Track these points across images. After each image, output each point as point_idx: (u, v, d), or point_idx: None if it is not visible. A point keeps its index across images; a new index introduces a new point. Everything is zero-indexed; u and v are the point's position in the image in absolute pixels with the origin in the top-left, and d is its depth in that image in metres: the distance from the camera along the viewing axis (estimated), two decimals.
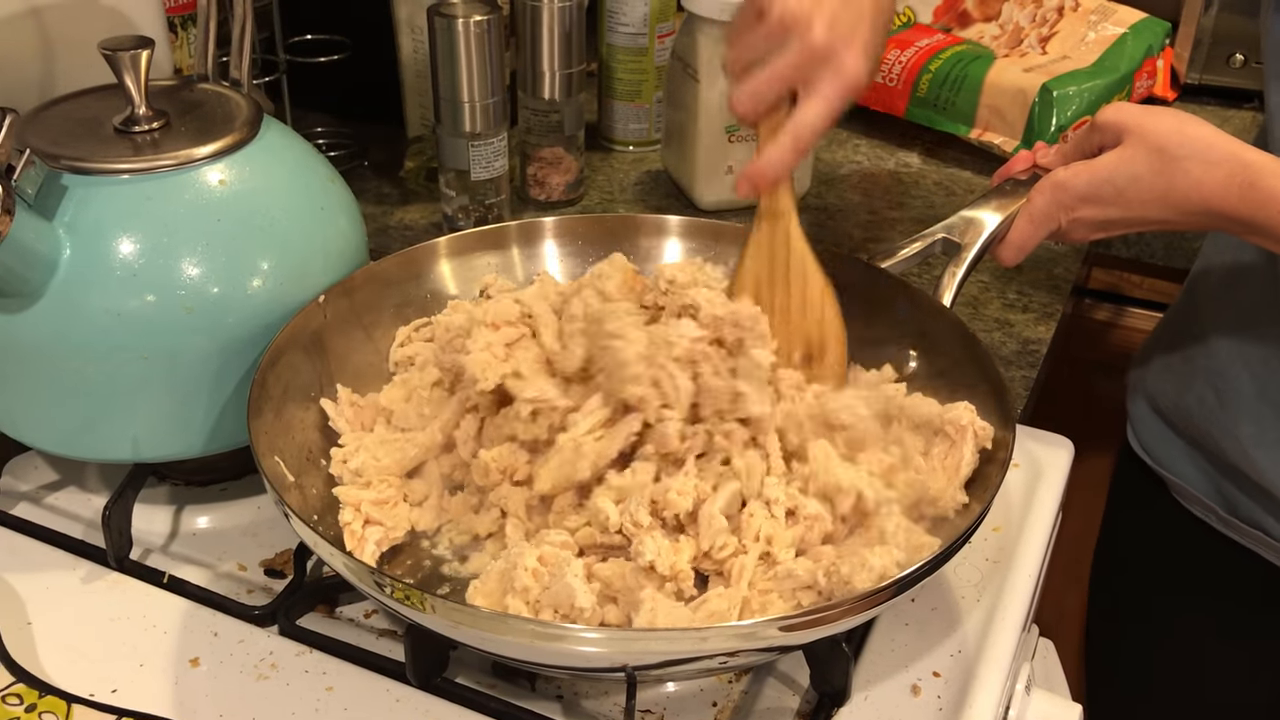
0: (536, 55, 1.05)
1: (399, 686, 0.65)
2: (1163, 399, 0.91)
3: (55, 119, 0.73)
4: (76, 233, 0.68)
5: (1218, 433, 0.85)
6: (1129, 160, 0.71)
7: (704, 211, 1.11)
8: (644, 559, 0.61)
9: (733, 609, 0.61)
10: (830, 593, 0.61)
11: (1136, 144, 0.71)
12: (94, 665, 0.66)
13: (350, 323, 0.76)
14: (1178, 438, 0.90)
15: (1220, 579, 0.90)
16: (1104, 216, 0.73)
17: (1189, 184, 0.69)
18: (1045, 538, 0.76)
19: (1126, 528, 1.00)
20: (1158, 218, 0.71)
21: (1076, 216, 0.74)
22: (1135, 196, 0.71)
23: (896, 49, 1.24)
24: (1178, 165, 0.69)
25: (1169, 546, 0.94)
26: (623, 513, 0.63)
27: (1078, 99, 1.16)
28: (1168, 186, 0.70)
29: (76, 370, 0.69)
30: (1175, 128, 0.70)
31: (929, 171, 1.20)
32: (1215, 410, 0.85)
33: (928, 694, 0.65)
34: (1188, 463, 0.90)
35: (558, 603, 0.59)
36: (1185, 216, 0.70)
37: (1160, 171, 0.70)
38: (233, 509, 0.78)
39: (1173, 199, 0.70)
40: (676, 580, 0.62)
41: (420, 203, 1.13)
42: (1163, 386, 0.91)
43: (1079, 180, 0.73)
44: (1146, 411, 0.93)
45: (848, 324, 0.80)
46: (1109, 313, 1.23)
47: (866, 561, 0.60)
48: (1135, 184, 0.71)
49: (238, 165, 0.72)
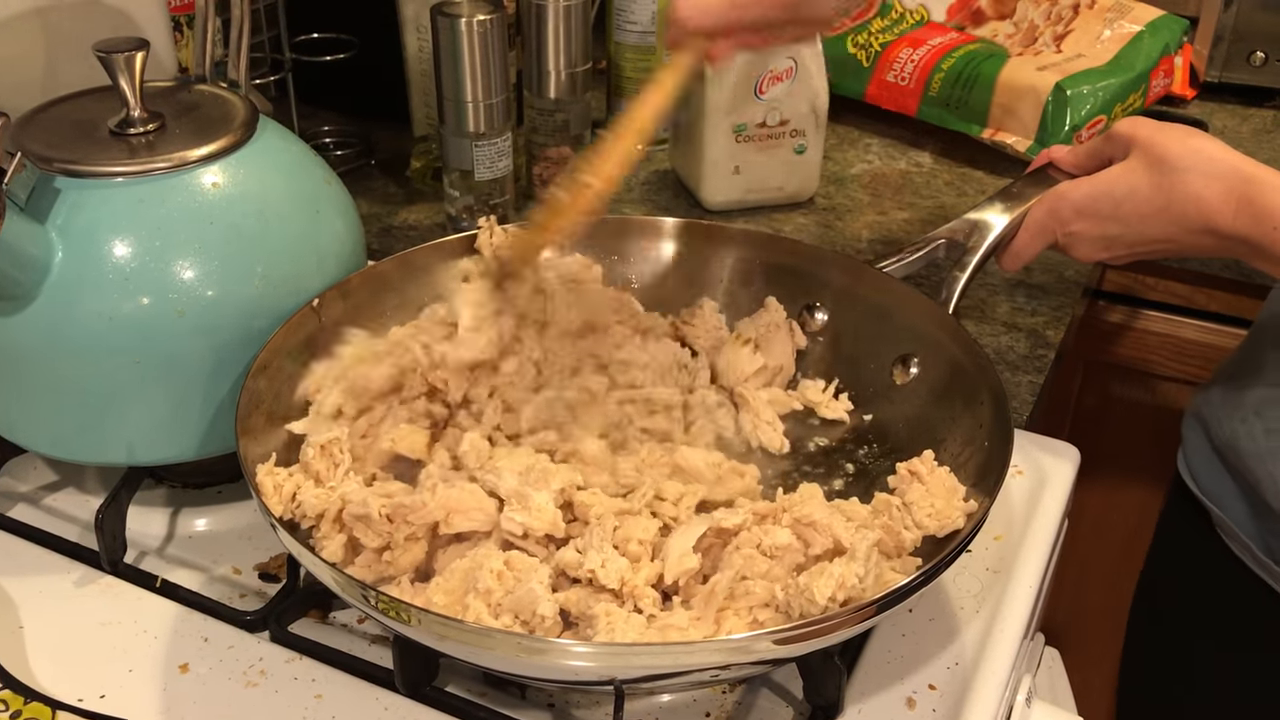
0: (542, 54, 1.04)
1: (388, 695, 0.64)
2: (1215, 429, 0.87)
3: (51, 121, 0.73)
4: (69, 236, 0.68)
5: (1260, 471, 0.81)
6: (1129, 172, 0.70)
7: (711, 212, 1.10)
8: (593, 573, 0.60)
9: (692, 625, 0.59)
10: (787, 606, 0.59)
11: (1139, 156, 0.70)
12: (84, 670, 0.66)
13: (346, 326, 0.76)
14: (1225, 470, 0.86)
15: (1256, 625, 0.86)
16: (1102, 232, 0.71)
17: (1187, 197, 0.67)
18: (1048, 546, 0.75)
19: (1169, 560, 0.96)
20: (1159, 235, 0.70)
21: (1072, 230, 0.73)
22: (1133, 210, 0.70)
23: (909, 47, 1.22)
24: (1177, 178, 0.68)
25: (1208, 584, 0.90)
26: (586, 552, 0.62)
27: (1092, 98, 1.14)
28: (1166, 200, 0.68)
29: (69, 373, 0.69)
30: (1180, 140, 0.69)
31: (940, 171, 1.18)
32: (1263, 446, 0.81)
33: (923, 707, 0.64)
34: (1233, 498, 0.86)
35: (519, 608, 0.58)
36: (1187, 235, 0.68)
37: (1159, 186, 0.68)
38: (229, 512, 0.78)
39: (1171, 214, 0.68)
40: (635, 598, 0.60)
41: (425, 202, 1.12)
42: (1217, 416, 0.87)
43: (1077, 193, 0.72)
44: (1200, 437, 0.89)
45: (849, 330, 0.80)
46: (1123, 315, 1.21)
47: (826, 569, 0.58)
48: (1133, 197, 0.69)
49: (232, 167, 0.72)
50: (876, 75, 1.24)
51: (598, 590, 0.60)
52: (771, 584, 0.60)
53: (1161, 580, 0.97)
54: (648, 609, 0.60)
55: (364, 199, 1.12)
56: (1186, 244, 0.70)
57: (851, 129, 1.25)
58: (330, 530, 0.64)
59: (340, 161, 1.16)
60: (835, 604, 0.58)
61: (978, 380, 0.70)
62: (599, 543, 0.61)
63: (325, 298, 0.74)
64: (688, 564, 0.61)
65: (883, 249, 1.04)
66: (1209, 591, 0.91)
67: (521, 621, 0.58)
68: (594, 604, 0.59)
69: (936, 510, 0.65)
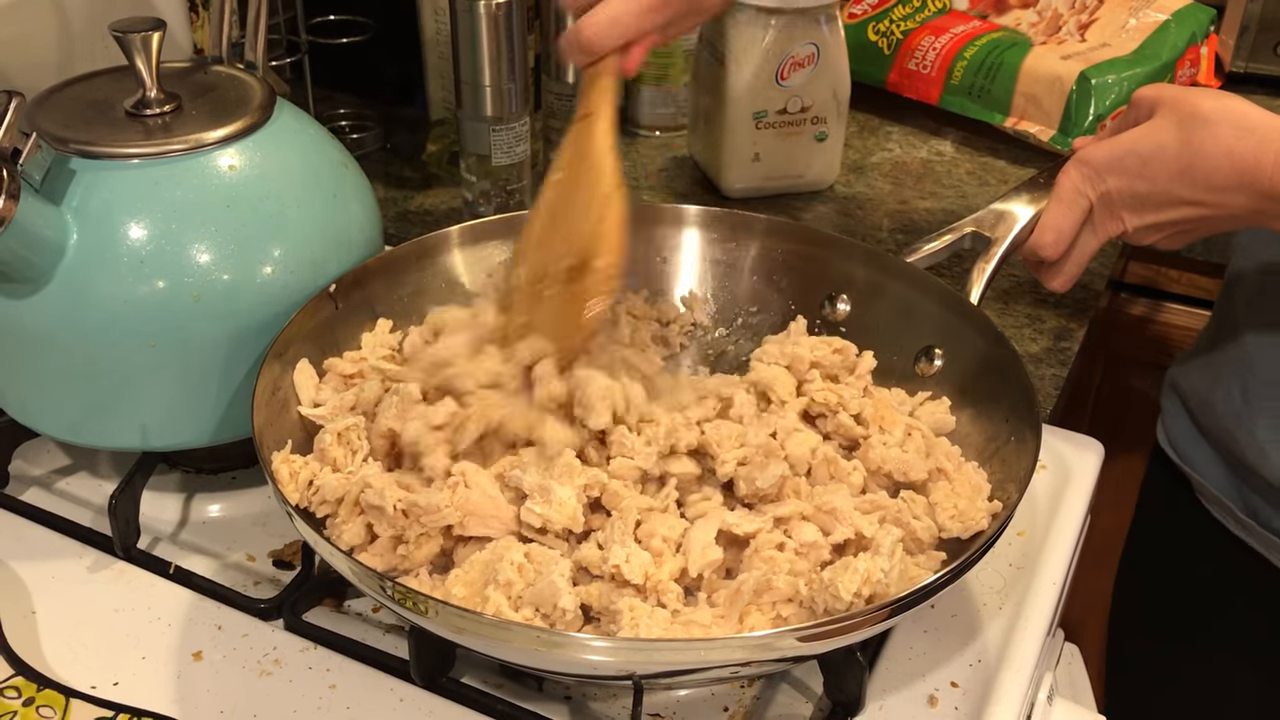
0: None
1: (403, 685, 0.64)
2: (1192, 395, 0.88)
3: (67, 101, 0.72)
4: (84, 218, 0.67)
5: (1238, 430, 0.82)
6: (1157, 128, 0.68)
7: (729, 199, 1.08)
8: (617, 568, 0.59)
9: (715, 623, 0.58)
10: (811, 601, 0.58)
11: (1167, 113, 0.68)
12: (96, 657, 0.65)
13: (362, 312, 0.75)
14: (1202, 435, 0.87)
15: (1240, 590, 0.87)
16: (1131, 190, 0.69)
17: (1219, 151, 0.65)
18: (1072, 542, 0.74)
19: (1151, 530, 0.97)
20: (1187, 195, 0.67)
21: (1105, 189, 0.71)
22: (1161, 167, 0.67)
23: (931, 35, 1.21)
24: (1208, 131, 0.65)
25: (1190, 551, 0.91)
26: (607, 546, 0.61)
27: (1116, 88, 1.12)
28: (1195, 155, 0.66)
29: (84, 356, 0.68)
30: (1210, 96, 0.67)
31: (962, 160, 1.17)
32: (1239, 406, 0.82)
33: (945, 704, 0.63)
34: (1211, 461, 0.86)
35: (540, 600, 0.57)
36: (1216, 195, 0.66)
37: (1188, 141, 0.66)
38: (243, 498, 0.77)
39: (1201, 170, 0.66)
40: (658, 593, 0.59)
41: (442, 187, 1.11)
42: (1193, 383, 0.88)
43: (1101, 151, 0.70)
44: (1177, 407, 0.90)
45: (872, 321, 0.78)
46: (1146, 308, 1.20)
47: (851, 564, 0.57)
48: (1161, 152, 0.67)
49: (249, 150, 0.71)
50: (898, 63, 1.22)
51: (620, 585, 0.59)
52: (795, 579, 0.59)
53: (1144, 552, 0.97)
54: (671, 604, 0.59)
55: (379, 183, 1.11)
56: (1215, 206, 0.68)
57: (872, 117, 1.24)
58: (350, 515, 0.63)
59: (356, 145, 1.15)
60: (861, 600, 0.57)
61: (1004, 373, 0.69)
62: (621, 536, 0.60)
63: (342, 282, 0.73)
64: (711, 555, 0.60)
65: (903, 238, 1.03)
66: (1189, 562, 0.91)
67: (542, 615, 0.57)
68: (617, 599, 0.58)
69: (960, 511, 0.64)
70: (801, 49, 1.02)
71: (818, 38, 1.02)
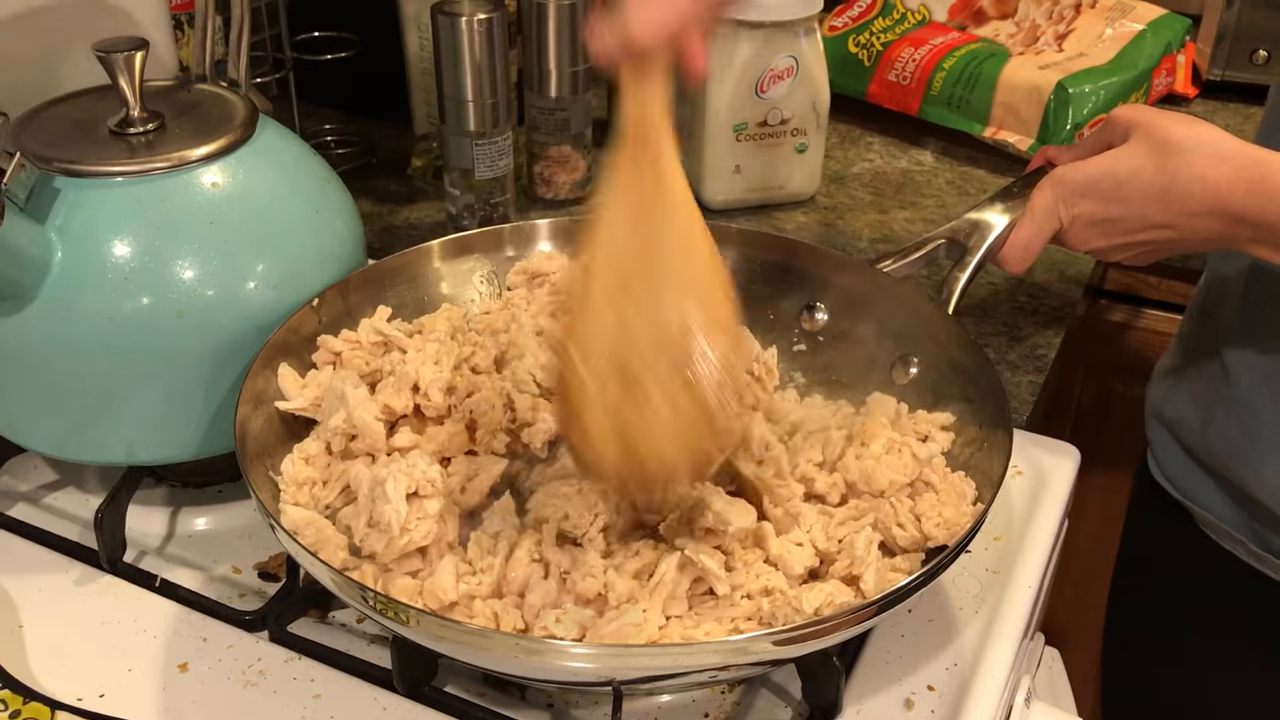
0: (543, 53, 1.04)
1: (386, 695, 0.64)
2: (1184, 430, 0.85)
3: (51, 120, 0.73)
4: (68, 235, 0.68)
5: (1245, 470, 0.79)
6: (1131, 153, 0.69)
7: (712, 210, 1.09)
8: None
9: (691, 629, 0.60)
10: (771, 618, 0.59)
11: (1142, 138, 0.69)
12: (83, 669, 0.66)
13: (346, 325, 0.76)
14: (1202, 471, 0.84)
15: (1249, 612, 0.85)
16: (1104, 214, 0.71)
17: (1192, 177, 0.67)
18: (1048, 547, 0.75)
19: (1148, 554, 0.95)
20: (1160, 219, 0.69)
21: (1078, 212, 0.72)
22: (1135, 191, 0.69)
23: (910, 46, 1.22)
24: (1181, 158, 0.67)
25: (1193, 576, 0.89)
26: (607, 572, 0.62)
27: (1094, 97, 1.14)
28: (1169, 181, 0.67)
29: (69, 373, 0.69)
30: (1183, 123, 0.68)
31: (942, 170, 1.18)
32: (1242, 446, 0.79)
33: (921, 708, 0.64)
34: (1214, 496, 0.83)
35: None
36: (1188, 219, 0.68)
37: (1163, 166, 0.68)
38: (229, 511, 0.78)
39: (1174, 195, 0.67)
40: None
41: (427, 201, 1.12)
42: (1182, 415, 0.85)
43: (1078, 174, 0.72)
44: (1167, 440, 0.87)
45: (849, 330, 0.79)
46: (1125, 314, 1.21)
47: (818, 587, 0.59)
48: (1136, 177, 0.69)
49: (232, 167, 0.72)
50: (878, 74, 1.24)
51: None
52: (753, 605, 0.61)
53: (1140, 571, 0.96)
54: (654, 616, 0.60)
55: (365, 198, 1.12)
56: (1186, 230, 0.69)
57: (853, 127, 1.25)
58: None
59: (341, 160, 1.16)
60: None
61: (978, 380, 0.70)
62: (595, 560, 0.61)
63: (325, 297, 0.74)
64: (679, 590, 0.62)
65: (884, 248, 1.04)
66: (1192, 587, 0.90)
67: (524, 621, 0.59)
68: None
69: (945, 519, 0.64)
70: (780, 61, 1.03)
71: (796, 50, 1.03)
